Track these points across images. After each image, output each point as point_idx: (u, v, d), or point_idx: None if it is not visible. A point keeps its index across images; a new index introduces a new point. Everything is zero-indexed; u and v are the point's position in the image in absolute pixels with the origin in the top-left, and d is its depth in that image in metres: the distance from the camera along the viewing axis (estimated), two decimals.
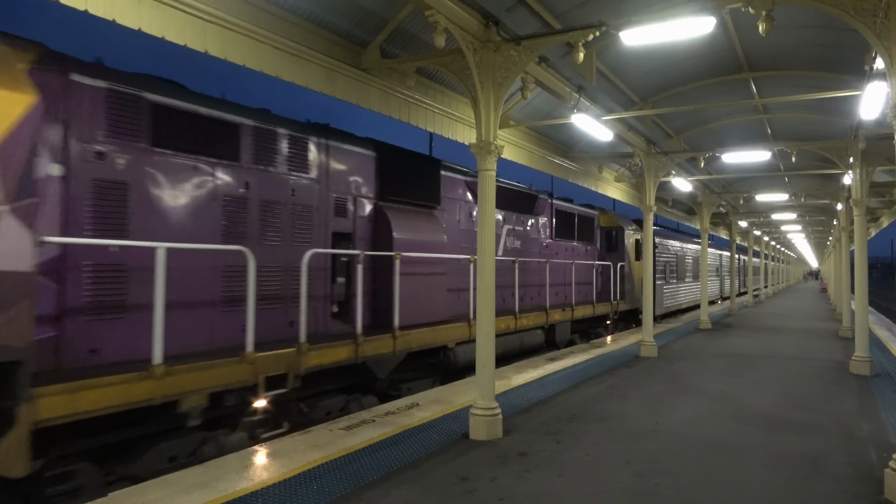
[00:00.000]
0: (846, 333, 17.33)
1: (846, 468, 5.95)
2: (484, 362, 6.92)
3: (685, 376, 10.87)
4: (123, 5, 5.63)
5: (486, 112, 6.87)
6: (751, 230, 33.82)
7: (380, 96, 8.81)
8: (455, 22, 6.46)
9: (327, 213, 8.77)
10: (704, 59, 11.74)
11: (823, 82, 11.88)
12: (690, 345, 15.54)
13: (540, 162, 13.92)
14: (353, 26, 8.05)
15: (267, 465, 5.73)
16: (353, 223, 9.21)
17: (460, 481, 5.43)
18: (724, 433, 7.13)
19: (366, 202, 9.51)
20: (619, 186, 19.28)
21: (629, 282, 20.08)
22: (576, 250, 17.52)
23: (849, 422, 7.76)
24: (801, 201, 22.44)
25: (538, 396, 9.00)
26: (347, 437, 6.67)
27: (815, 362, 12.78)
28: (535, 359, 12.73)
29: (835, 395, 9.40)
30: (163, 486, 5.16)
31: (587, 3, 9.27)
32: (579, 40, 6.75)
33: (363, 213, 9.43)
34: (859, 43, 8.70)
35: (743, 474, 5.73)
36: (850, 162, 12.34)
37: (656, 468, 5.84)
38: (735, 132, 16.69)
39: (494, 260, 7.08)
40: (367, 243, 9.42)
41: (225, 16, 6.50)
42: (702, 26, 6.41)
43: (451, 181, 11.63)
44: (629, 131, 12.26)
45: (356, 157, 9.41)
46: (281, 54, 7.25)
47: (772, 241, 45.95)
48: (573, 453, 6.27)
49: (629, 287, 20.05)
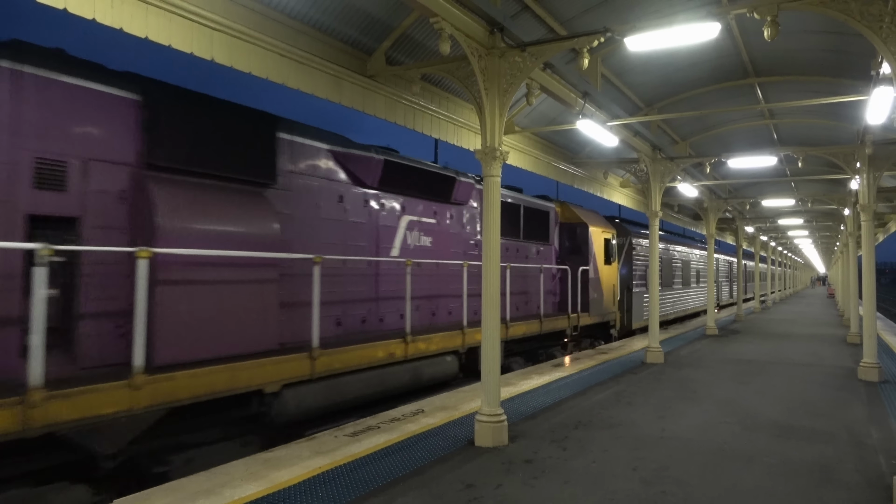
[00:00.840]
0: (854, 339, 17.22)
1: (855, 476, 5.89)
2: (489, 368, 6.90)
3: (692, 383, 10.82)
4: (131, 14, 5.68)
5: (492, 118, 6.88)
6: (757, 235, 33.69)
7: (385, 103, 8.84)
8: (460, 29, 6.48)
9: (15, 181, 5.50)
10: (710, 64, 11.73)
11: (830, 87, 11.86)
12: (697, 351, 15.46)
13: (545, 168, 13.93)
14: (359, 34, 8.09)
15: (272, 472, 5.73)
16: (80, 201, 5.94)
17: (466, 488, 5.41)
18: (733, 440, 7.08)
19: (114, 170, 6.18)
20: (625, 192, 19.26)
21: (596, 290, 16.43)
22: (521, 251, 14.01)
23: (858, 429, 7.70)
24: (807, 206, 22.34)
25: (544, 403, 8.97)
26: (353, 444, 6.66)
27: (823, 368, 12.69)
28: (541, 365, 12.69)
29: (843, 402, 9.32)
30: (168, 492, 5.16)
31: (592, 10, 9.29)
32: (584, 46, 6.76)
33: (107, 187, 6.14)
34: (866, 48, 8.70)
35: (751, 482, 5.69)
36: (857, 167, 12.28)
37: (664, 475, 5.80)
38: (741, 137, 16.66)
39: (499, 267, 7.05)
40: (122, 234, 6.22)
41: (232, 24, 6.55)
42: (707, 32, 6.42)
43: (306, 151, 8.42)
44: (635, 137, 12.25)
45: (91, 98, 6.04)
46: (287, 61, 7.29)
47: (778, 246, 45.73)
48: (580, 460, 6.24)
49: (596, 296, 16.40)
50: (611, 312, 17.61)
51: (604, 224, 17.66)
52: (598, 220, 17.69)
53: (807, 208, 23.41)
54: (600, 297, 16.78)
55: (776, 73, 12.18)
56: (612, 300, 17.71)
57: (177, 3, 6.01)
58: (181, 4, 6.05)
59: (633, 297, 19.95)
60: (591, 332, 16.92)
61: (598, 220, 17.69)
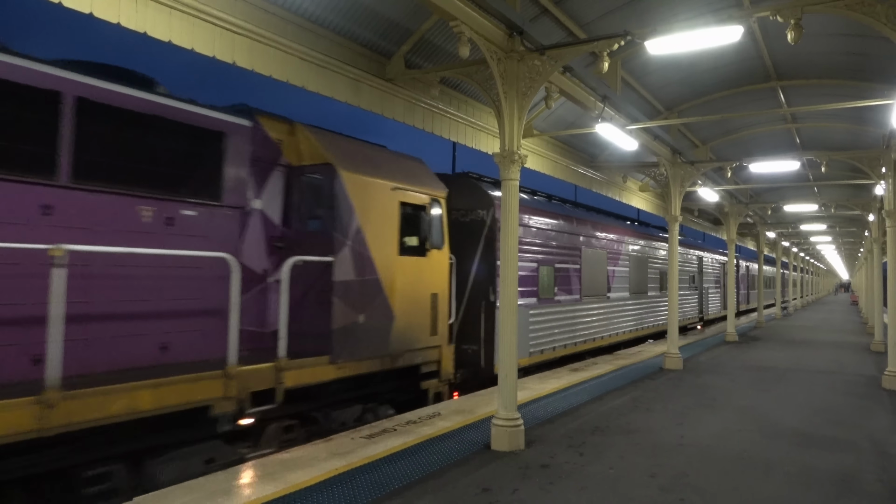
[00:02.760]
0: (878, 347, 16.92)
1: (878, 486, 5.79)
2: (506, 372, 6.88)
3: (712, 389, 10.69)
4: (155, 19, 5.77)
5: (510, 122, 6.88)
6: (779, 241, 33.26)
7: (404, 106, 8.88)
8: (479, 32, 6.49)
9: None
10: (731, 67, 11.62)
11: (854, 91, 11.69)
12: (717, 357, 15.28)
13: (563, 171, 13.88)
14: (378, 37, 8.13)
15: (289, 473, 5.76)
16: None
17: (482, 492, 5.40)
18: (752, 448, 6.98)
19: None
20: (644, 196, 19.12)
21: (367, 305, 8.04)
22: (156, 218, 6.32)
23: (881, 438, 7.55)
24: (831, 212, 22.01)
25: (561, 408, 8.92)
26: (369, 446, 6.67)
27: (845, 376, 12.48)
28: (559, 369, 12.62)
29: (866, 411, 9.16)
30: (187, 491, 5.21)
31: (612, 13, 9.26)
32: (604, 50, 6.73)
33: None
34: (891, 51, 8.56)
35: (771, 490, 5.60)
36: (883, 172, 12.08)
37: (682, 483, 5.74)
38: (763, 141, 16.48)
39: (518, 270, 7.02)
40: None
41: (253, 28, 6.62)
42: (729, 35, 6.36)
43: None
44: (654, 141, 12.16)
45: None
46: (307, 65, 7.36)
47: (800, 252, 45.11)
48: (597, 466, 6.20)
49: (365, 319, 8.00)
50: (424, 349, 9.04)
51: (407, 176, 8.92)
52: (389, 166, 8.76)
53: (830, 214, 23.06)
54: (384, 319, 8.29)
55: (799, 77, 12.03)
56: (433, 323, 9.19)
57: (200, 7, 6.09)
58: (204, 8, 6.13)
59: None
60: (358, 384, 8.34)
61: (389, 166, 8.76)
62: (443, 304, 9.44)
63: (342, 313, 7.56)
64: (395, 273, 8.43)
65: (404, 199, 8.67)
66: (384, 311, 8.26)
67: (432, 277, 9.25)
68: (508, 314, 6.91)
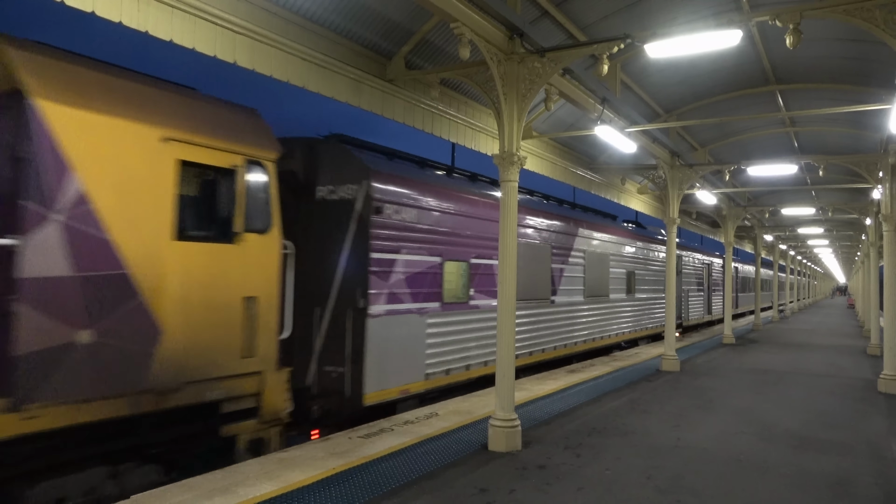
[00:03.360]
0: (874, 351, 16.96)
1: (874, 489, 5.81)
2: (504, 373, 6.90)
3: (709, 392, 10.72)
4: (157, 18, 5.77)
5: (510, 123, 6.90)
6: (776, 244, 33.31)
7: (404, 107, 8.88)
8: (480, 34, 6.51)
9: None
10: (730, 71, 11.65)
11: (852, 95, 11.73)
12: (714, 360, 15.32)
13: (563, 173, 13.89)
14: (379, 38, 8.15)
15: (287, 471, 5.77)
16: None
17: (479, 493, 5.41)
18: (749, 450, 7.01)
19: None
20: (643, 198, 19.14)
21: (95, 316, 5.26)
22: None
23: (878, 441, 7.58)
24: (828, 215, 22.09)
25: (558, 409, 8.94)
26: (367, 446, 6.69)
27: (842, 380, 12.51)
28: (556, 371, 12.64)
29: (863, 414, 9.19)
30: (185, 489, 5.22)
31: (612, 16, 9.28)
32: (604, 52, 6.76)
33: None
34: (889, 56, 8.59)
35: (768, 493, 5.63)
36: (880, 176, 12.12)
37: (679, 484, 5.76)
38: (761, 145, 16.51)
39: (515, 269, 7.03)
40: None
41: (254, 27, 6.63)
42: (728, 39, 6.38)
43: None
44: (653, 143, 12.19)
45: None
46: (308, 65, 7.36)
47: (798, 255, 45.20)
48: (593, 467, 6.22)
49: (97, 335, 5.24)
50: (228, 379, 6.34)
51: (199, 124, 6.27)
52: (163, 105, 6.00)
53: (827, 217, 23.13)
54: (140, 336, 5.63)
55: (797, 81, 12.07)
56: (248, 340, 6.53)
57: (201, 6, 6.10)
58: (206, 8, 6.14)
59: (374, 329, 8.40)
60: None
61: (163, 105, 6.00)
62: (267, 313, 6.73)
63: (36, 330, 4.89)
64: (168, 267, 5.80)
65: (188, 155, 6.05)
66: (141, 323, 5.58)
67: (247, 274, 6.56)
68: (506, 314, 6.92)
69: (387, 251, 8.67)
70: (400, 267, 8.92)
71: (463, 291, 10.40)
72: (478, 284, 10.71)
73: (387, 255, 8.67)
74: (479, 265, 10.74)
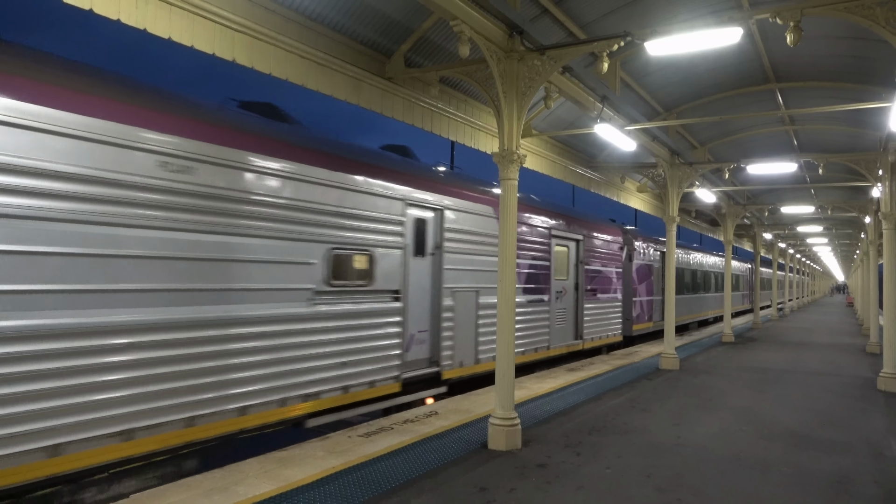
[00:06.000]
0: (874, 349, 16.96)
1: (874, 488, 5.81)
2: (503, 371, 6.89)
3: (708, 390, 10.72)
4: (155, 15, 5.75)
5: (509, 121, 6.88)
6: (776, 242, 33.32)
7: (404, 105, 8.86)
8: (480, 32, 6.49)
9: None
10: (730, 69, 11.63)
11: (851, 93, 11.71)
12: (713, 358, 15.32)
13: (562, 172, 13.87)
14: (379, 36, 8.12)
15: (286, 470, 5.76)
16: None
17: (479, 491, 5.40)
18: (749, 449, 7.01)
19: None
20: (642, 197, 19.13)
21: None
22: None
23: (877, 440, 7.58)
24: (827, 214, 22.07)
25: (558, 407, 8.93)
26: (366, 444, 6.67)
27: (841, 378, 12.52)
28: (555, 369, 12.64)
29: (862, 413, 9.19)
30: (183, 488, 5.21)
31: (612, 13, 9.25)
32: (604, 50, 6.74)
33: None
34: (889, 54, 8.58)
35: (768, 491, 5.62)
36: (880, 174, 12.11)
37: (679, 483, 5.76)
38: (761, 143, 16.49)
39: (515, 271, 7.03)
40: None
41: (253, 25, 6.60)
42: (728, 37, 6.36)
43: None
44: (653, 142, 12.17)
45: None
46: (307, 63, 7.33)
47: (797, 253, 45.21)
48: (593, 466, 6.21)
49: None
50: None
51: None
52: None
53: (826, 215, 23.12)
54: None
55: (797, 79, 12.04)
56: None
57: (200, 4, 6.07)
58: (204, 6, 6.11)
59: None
60: None
61: None
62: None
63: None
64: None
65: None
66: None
67: None
68: (506, 312, 6.91)
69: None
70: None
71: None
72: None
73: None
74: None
